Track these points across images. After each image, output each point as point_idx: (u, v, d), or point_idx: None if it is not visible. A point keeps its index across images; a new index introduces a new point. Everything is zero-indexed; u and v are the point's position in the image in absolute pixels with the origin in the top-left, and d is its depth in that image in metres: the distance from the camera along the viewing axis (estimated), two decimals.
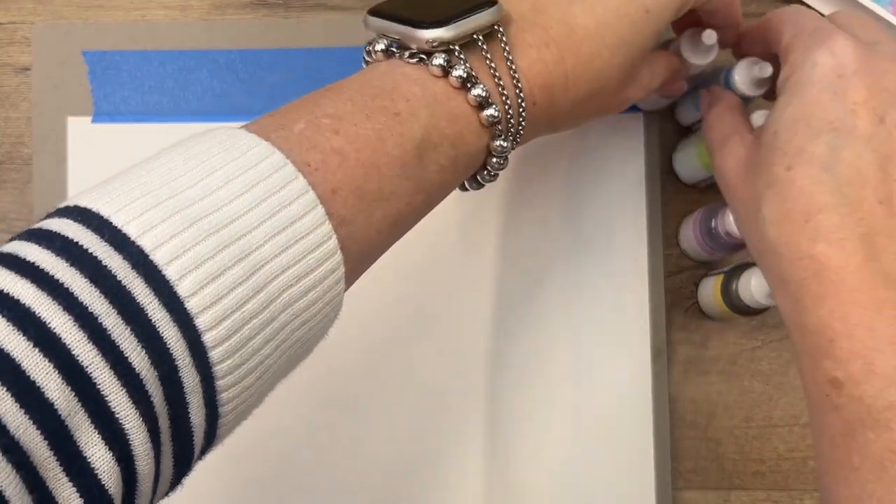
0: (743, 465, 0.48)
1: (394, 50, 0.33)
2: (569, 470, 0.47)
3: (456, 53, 0.32)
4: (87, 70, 0.49)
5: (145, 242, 0.25)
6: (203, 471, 0.29)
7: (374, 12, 0.34)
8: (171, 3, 0.50)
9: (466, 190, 0.37)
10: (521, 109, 0.33)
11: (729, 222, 0.43)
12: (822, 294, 0.31)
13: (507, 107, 0.33)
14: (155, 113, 0.49)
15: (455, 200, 0.47)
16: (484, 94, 0.32)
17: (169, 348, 0.24)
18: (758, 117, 0.41)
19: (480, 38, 0.33)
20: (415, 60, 0.32)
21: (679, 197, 0.50)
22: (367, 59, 0.34)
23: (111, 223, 0.25)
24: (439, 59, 0.32)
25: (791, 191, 0.33)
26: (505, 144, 0.34)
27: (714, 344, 0.49)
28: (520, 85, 0.33)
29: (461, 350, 0.48)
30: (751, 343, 0.49)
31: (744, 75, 0.41)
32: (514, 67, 0.33)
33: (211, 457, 0.29)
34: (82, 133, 0.48)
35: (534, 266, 0.48)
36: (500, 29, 0.33)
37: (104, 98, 0.49)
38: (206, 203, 0.26)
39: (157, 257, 0.25)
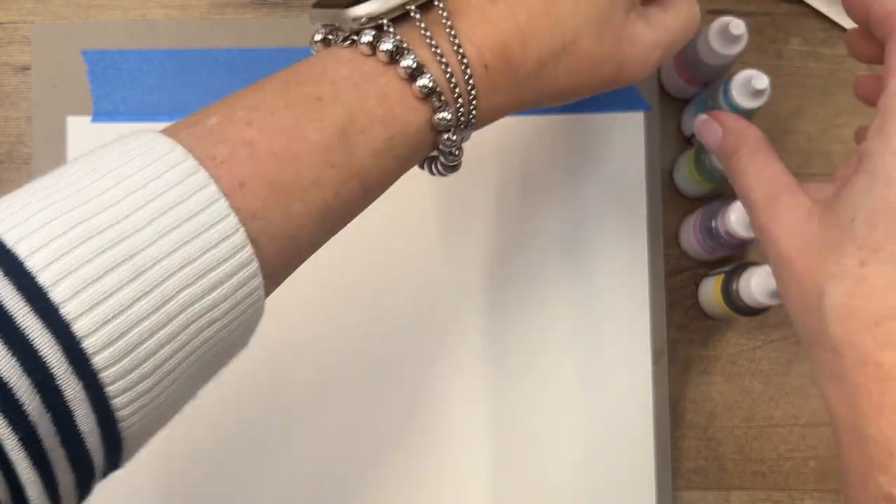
0: (743, 465, 0.48)
1: (330, 38, 0.32)
2: (569, 469, 0.47)
3: (385, 28, 0.31)
4: (87, 69, 0.49)
5: (21, 250, 0.24)
6: (191, 466, 0.29)
7: (316, 4, 0.33)
8: (170, 2, 0.50)
9: (434, 175, 0.35)
10: (466, 76, 0.31)
11: (729, 222, 0.43)
12: (884, 405, 0.30)
13: (448, 75, 0.31)
14: (155, 112, 0.49)
15: (453, 200, 0.47)
16: (413, 64, 0.30)
17: (41, 356, 0.24)
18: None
19: (413, 8, 0.31)
20: (347, 43, 0.31)
21: (679, 197, 0.49)
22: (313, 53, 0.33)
23: None
24: (367, 37, 0.30)
25: (862, 289, 0.30)
26: (448, 117, 0.31)
27: (714, 344, 0.49)
28: (461, 50, 0.31)
29: (462, 350, 0.48)
30: (751, 343, 0.49)
31: (740, 88, 0.41)
32: (453, 32, 0.31)
33: (205, 454, 0.29)
34: (82, 133, 0.48)
35: (534, 266, 0.48)
36: None
37: (104, 97, 0.49)
38: (91, 206, 0.26)
39: (32, 264, 0.24)
